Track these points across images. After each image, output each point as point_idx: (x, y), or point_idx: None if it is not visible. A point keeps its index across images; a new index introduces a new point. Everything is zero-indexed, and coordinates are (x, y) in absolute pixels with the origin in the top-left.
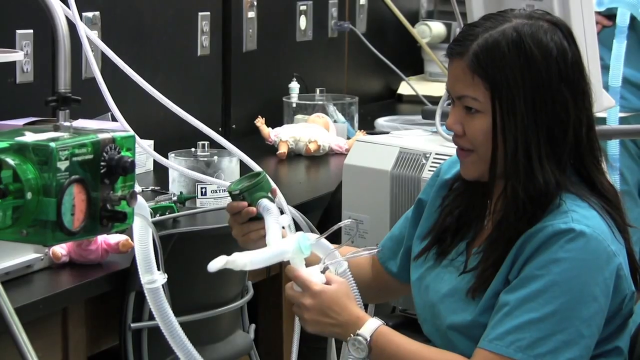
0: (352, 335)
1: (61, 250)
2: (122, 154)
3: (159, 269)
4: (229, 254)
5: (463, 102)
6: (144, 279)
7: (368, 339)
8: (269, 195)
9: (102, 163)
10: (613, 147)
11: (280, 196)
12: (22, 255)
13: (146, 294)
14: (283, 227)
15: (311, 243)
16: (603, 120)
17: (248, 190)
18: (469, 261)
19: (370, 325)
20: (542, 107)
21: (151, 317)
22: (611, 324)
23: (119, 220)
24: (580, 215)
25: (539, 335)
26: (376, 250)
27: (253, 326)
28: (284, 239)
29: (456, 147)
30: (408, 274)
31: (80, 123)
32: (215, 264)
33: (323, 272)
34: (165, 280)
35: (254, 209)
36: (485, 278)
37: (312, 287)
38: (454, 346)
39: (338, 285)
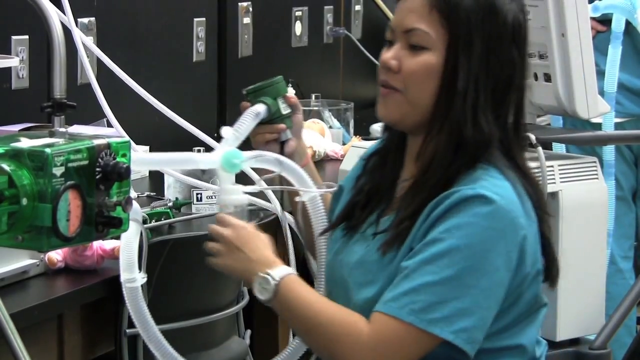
0: (260, 272)
1: (57, 256)
2: (118, 159)
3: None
4: None
5: (409, 37)
6: (123, 276)
7: (277, 280)
8: (277, 100)
9: (98, 169)
10: (609, 152)
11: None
12: (18, 261)
13: (124, 292)
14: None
15: (241, 160)
16: (599, 126)
17: (254, 93)
18: (379, 227)
19: (283, 270)
20: (494, 56)
21: None
22: (511, 310)
23: (114, 226)
24: (491, 184)
25: (434, 299)
26: (334, 189)
27: (249, 332)
28: (214, 152)
29: (381, 85)
30: None
31: (76, 129)
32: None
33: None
34: (145, 280)
35: (245, 105)
36: (398, 232)
37: (237, 222)
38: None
39: (261, 233)
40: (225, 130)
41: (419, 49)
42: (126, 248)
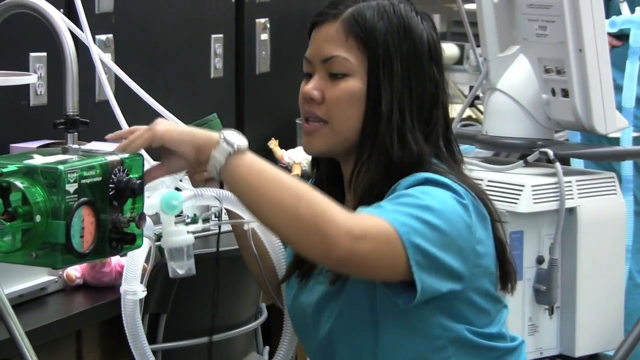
0: (221, 134)
1: (75, 272)
2: (131, 176)
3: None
4: (241, 276)
5: (329, 65)
6: (124, 287)
7: (242, 145)
8: None
9: (111, 185)
10: (627, 168)
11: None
12: (36, 278)
13: (122, 305)
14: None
15: (179, 201)
16: (617, 141)
17: None
18: None
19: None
20: (416, 75)
21: (165, 339)
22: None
23: (128, 242)
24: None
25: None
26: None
27: (267, 348)
28: (157, 193)
29: (305, 119)
30: None
31: (94, 145)
32: None
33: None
34: (145, 294)
35: None
36: None
37: None
38: (333, 353)
39: None
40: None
41: (340, 76)
42: (131, 260)
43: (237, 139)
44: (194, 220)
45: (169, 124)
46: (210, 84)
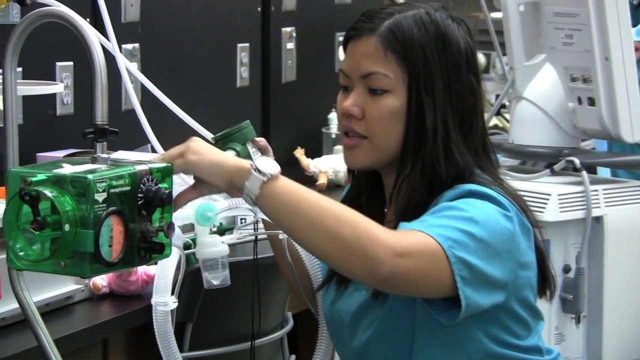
0: (252, 164)
1: (101, 281)
2: (159, 185)
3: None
4: (267, 285)
5: (368, 82)
6: (155, 298)
7: (274, 172)
8: (246, 145)
9: (140, 195)
10: None
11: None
12: (63, 287)
13: (154, 316)
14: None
15: (214, 213)
16: None
17: (223, 139)
18: None
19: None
20: (456, 88)
21: (191, 348)
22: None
23: (157, 251)
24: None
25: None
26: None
27: (293, 357)
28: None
29: (344, 134)
30: None
31: (120, 154)
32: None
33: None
34: (176, 305)
35: None
36: None
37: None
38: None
39: None
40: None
41: (380, 92)
42: (162, 271)
43: (269, 166)
44: (220, 230)
45: (200, 150)
46: (236, 93)
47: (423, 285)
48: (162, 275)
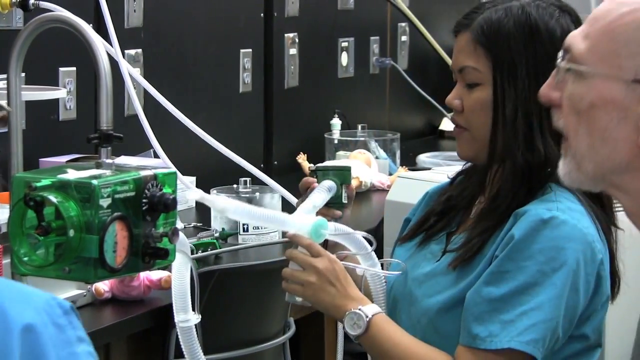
0: (353, 309)
1: (104, 286)
2: (164, 190)
3: (194, 307)
4: (269, 290)
5: (464, 75)
6: (177, 317)
7: (370, 317)
8: (342, 186)
9: (144, 200)
10: None
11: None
12: (65, 292)
13: (178, 332)
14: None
15: (327, 232)
16: None
17: (323, 171)
18: (450, 245)
19: (374, 308)
20: (543, 80)
21: None
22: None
23: (161, 257)
24: (566, 207)
25: (529, 323)
26: (398, 272)
27: None
28: (304, 215)
29: (453, 125)
30: None
31: (123, 160)
32: (193, 195)
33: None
34: (199, 320)
35: (310, 180)
36: (470, 248)
37: (329, 254)
38: (435, 331)
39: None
40: (304, 202)
41: (473, 85)
42: (178, 287)
43: (362, 317)
44: (223, 235)
45: (316, 290)
46: (239, 99)
47: None
48: (179, 294)
